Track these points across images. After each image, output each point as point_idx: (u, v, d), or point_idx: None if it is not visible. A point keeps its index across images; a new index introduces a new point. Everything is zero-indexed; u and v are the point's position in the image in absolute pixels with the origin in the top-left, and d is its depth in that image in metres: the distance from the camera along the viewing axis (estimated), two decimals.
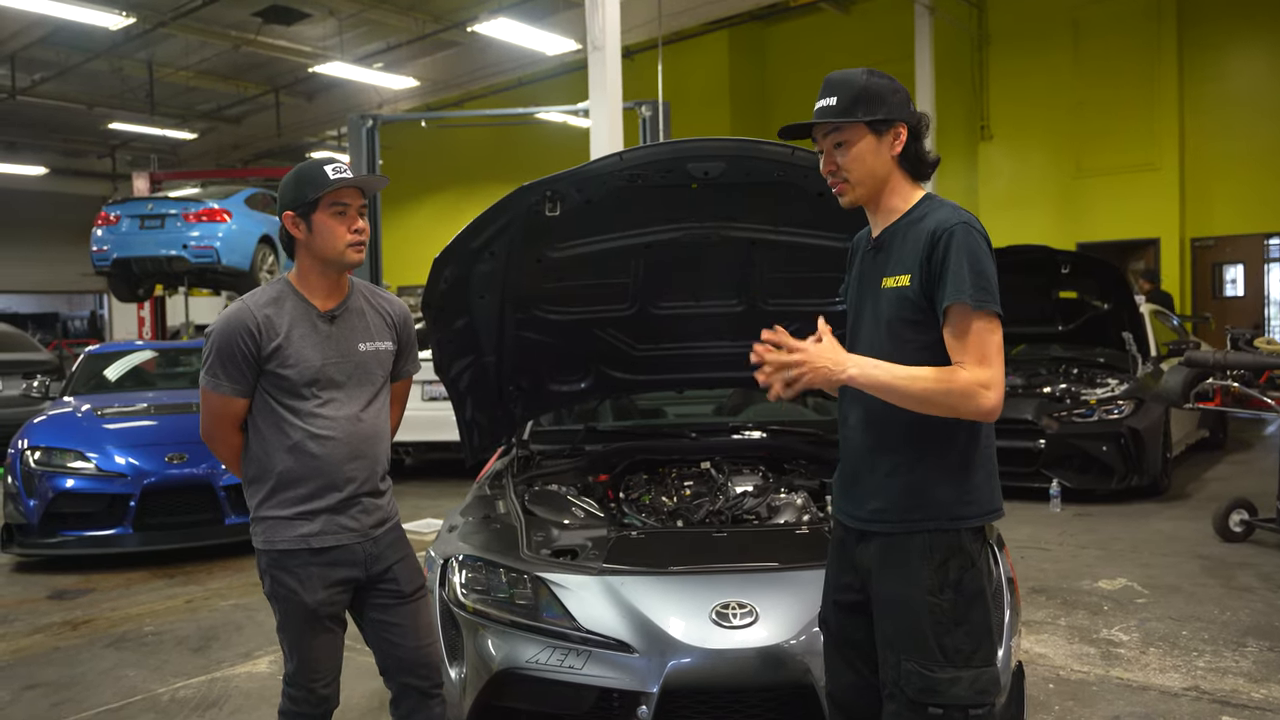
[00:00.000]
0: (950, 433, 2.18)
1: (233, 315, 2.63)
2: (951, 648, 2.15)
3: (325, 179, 2.60)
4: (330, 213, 2.61)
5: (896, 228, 2.27)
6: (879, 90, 2.22)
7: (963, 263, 2.10)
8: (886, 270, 2.25)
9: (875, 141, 2.23)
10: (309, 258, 2.67)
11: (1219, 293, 15.49)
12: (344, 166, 2.64)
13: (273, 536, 2.65)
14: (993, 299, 2.10)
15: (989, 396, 2.08)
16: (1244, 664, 4.29)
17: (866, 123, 2.21)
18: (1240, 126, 14.05)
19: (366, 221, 2.68)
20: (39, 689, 4.40)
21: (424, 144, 21.21)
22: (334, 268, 2.68)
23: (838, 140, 2.25)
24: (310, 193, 2.60)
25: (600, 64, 8.79)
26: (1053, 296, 8.97)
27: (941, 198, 2.30)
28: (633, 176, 3.33)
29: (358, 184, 2.63)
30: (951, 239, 2.12)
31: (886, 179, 2.26)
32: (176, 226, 11.63)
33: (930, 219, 2.20)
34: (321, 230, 2.62)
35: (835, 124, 2.24)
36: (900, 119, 2.23)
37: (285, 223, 2.64)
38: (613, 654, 2.88)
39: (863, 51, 15.82)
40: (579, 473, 4.21)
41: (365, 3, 16.23)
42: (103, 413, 7.26)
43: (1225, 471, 9.08)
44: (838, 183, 2.29)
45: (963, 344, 2.11)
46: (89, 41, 16.76)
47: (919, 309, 2.18)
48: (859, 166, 2.24)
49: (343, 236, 2.62)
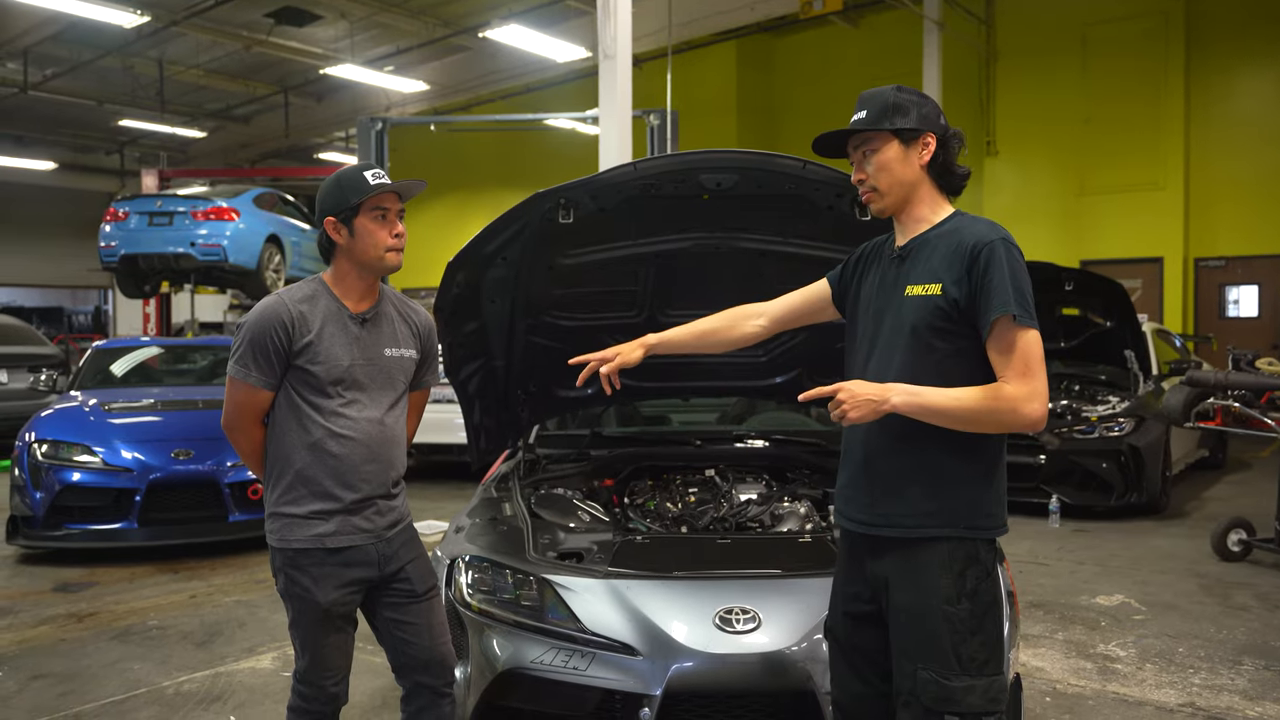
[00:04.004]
0: (981, 439, 2.23)
1: (268, 307, 2.67)
2: (968, 656, 2.18)
3: (367, 184, 2.65)
4: (372, 217, 2.67)
5: (925, 238, 2.32)
6: (907, 102, 2.30)
7: (1005, 278, 2.16)
8: (912, 279, 2.29)
9: (903, 151, 2.29)
10: (348, 261, 2.72)
11: (1223, 313, 15.52)
12: (382, 173, 2.71)
13: (288, 535, 2.69)
14: (1033, 314, 2.18)
15: (1034, 408, 2.14)
16: (1240, 682, 4.32)
17: (894, 132, 2.28)
18: (1246, 148, 14.11)
19: (404, 226, 2.75)
20: (45, 679, 4.44)
21: (432, 148, 21.29)
22: (373, 271, 2.74)
23: (867, 150, 2.33)
24: (353, 198, 2.65)
25: (611, 72, 8.86)
26: (1055, 313, 9.02)
27: (973, 214, 2.35)
28: (646, 186, 3.37)
29: (397, 189, 2.69)
30: (994, 254, 2.18)
31: (915, 188, 2.32)
32: (184, 224, 11.70)
33: (966, 233, 2.25)
34: (363, 234, 2.67)
35: (865, 134, 2.31)
36: (928, 129, 2.29)
37: (327, 228, 2.69)
38: (616, 656, 2.92)
39: (871, 65, 15.96)
40: (584, 477, 4.25)
41: (376, 6, 16.33)
42: (110, 407, 7.31)
43: (1224, 491, 9.11)
44: (866, 191, 2.36)
45: (1007, 358, 2.16)
46: (101, 38, 16.86)
47: (949, 318, 2.22)
48: (886, 175, 2.31)
49: (384, 240, 2.68)
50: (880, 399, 2.15)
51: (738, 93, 18.19)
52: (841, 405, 2.15)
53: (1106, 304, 8.72)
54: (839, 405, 2.16)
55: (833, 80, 16.71)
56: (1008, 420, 2.15)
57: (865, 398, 2.15)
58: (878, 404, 2.15)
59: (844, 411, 2.15)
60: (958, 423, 2.17)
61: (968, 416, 2.16)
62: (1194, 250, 14.68)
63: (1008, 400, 2.14)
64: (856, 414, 2.15)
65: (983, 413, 2.15)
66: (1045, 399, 2.16)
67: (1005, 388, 2.15)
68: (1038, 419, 2.15)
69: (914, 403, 2.17)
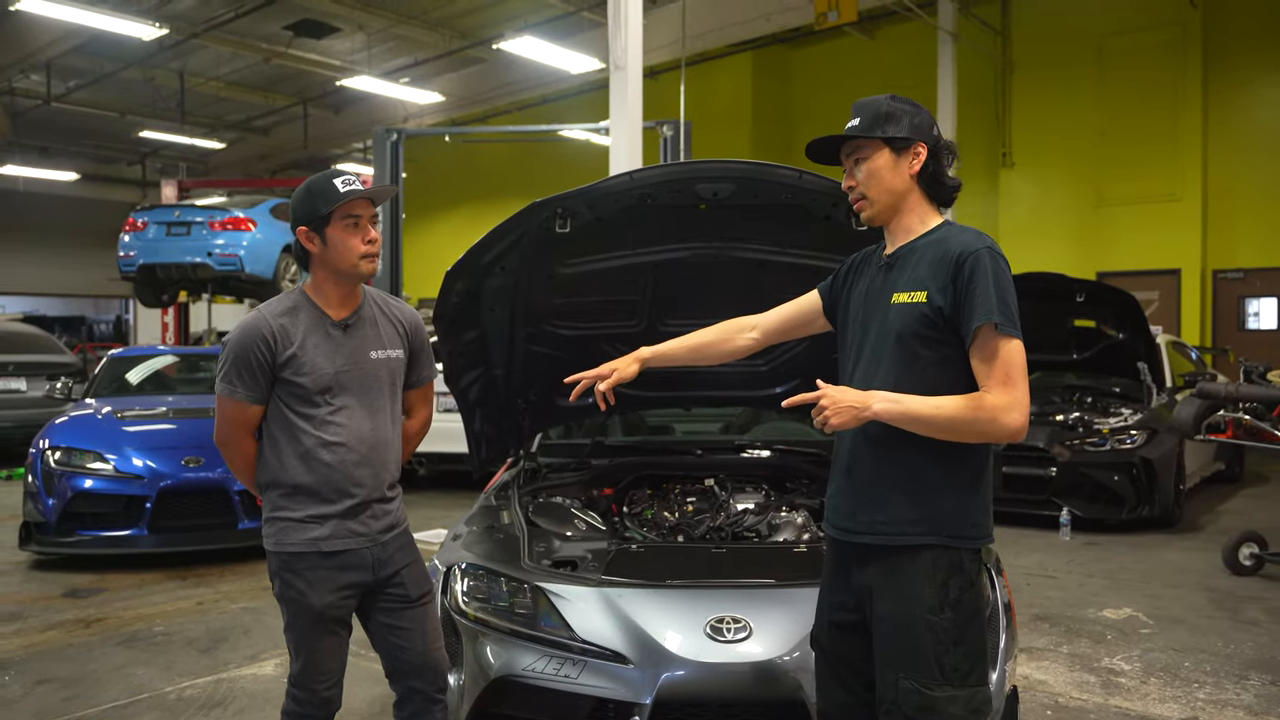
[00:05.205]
0: (965, 448, 2.23)
1: (249, 324, 2.69)
2: (950, 667, 2.18)
3: (336, 193, 2.64)
4: (343, 225, 2.66)
5: (913, 247, 2.33)
6: (899, 111, 2.32)
7: (989, 286, 2.17)
8: (898, 287, 2.30)
9: (893, 159, 2.31)
10: (324, 270, 2.73)
11: (1242, 325, 15.38)
12: (353, 179, 2.69)
13: (283, 539, 2.70)
14: (1017, 324, 2.18)
15: (1014, 418, 2.14)
16: (1245, 697, 4.28)
17: (884, 140, 2.30)
18: (1265, 159, 13.98)
19: (379, 231, 2.75)
20: (51, 684, 4.48)
21: (447, 158, 21.42)
22: (348, 279, 2.74)
23: (858, 158, 2.35)
24: (322, 207, 2.64)
25: (621, 83, 8.89)
26: (1068, 325, 8.95)
27: (961, 224, 2.36)
28: (643, 195, 3.39)
29: (367, 195, 2.68)
30: (978, 263, 2.19)
31: (904, 197, 2.34)
32: (202, 234, 11.82)
33: (952, 242, 2.26)
34: (335, 243, 2.67)
35: (856, 142, 2.34)
36: (919, 139, 2.30)
37: (299, 238, 2.70)
38: (608, 664, 2.92)
39: (887, 76, 15.91)
40: (584, 486, 4.25)
41: (394, 19, 16.47)
42: (123, 415, 7.38)
43: (1239, 505, 9.03)
44: (856, 199, 2.38)
45: (989, 367, 2.17)
46: (123, 51, 17.07)
47: (934, 326, 2.23)
48: (876, 183, 2.33)
49: (356, 248, 2.68)
50: (861, 405, 2.16)
51: (753, 104, 18.20)
52: (824, 411, 2.16)
53: (1119, 316, 8.66)
54: (821, 411, 2.16)
55: (848, 91, 16.40)
56: (988, 430, 2.15)
57: (847, 404, 2.16)
58: (859, 410, 2.16)
59: (826, 418, 2.16)
60: (938, 431, 2.17)
61: (948, 425, 2.16)
62: (1212, 262, 14.55)
63: (988, 410, 2.14)
64: (838, 420, 2.15)
65: (963, 422, 2.15)
66: (1025, 409, 2.16)
67: (986, 397, 2.15)
68: (1017, 429, 2.15)
69: (895, 410, 2.17)
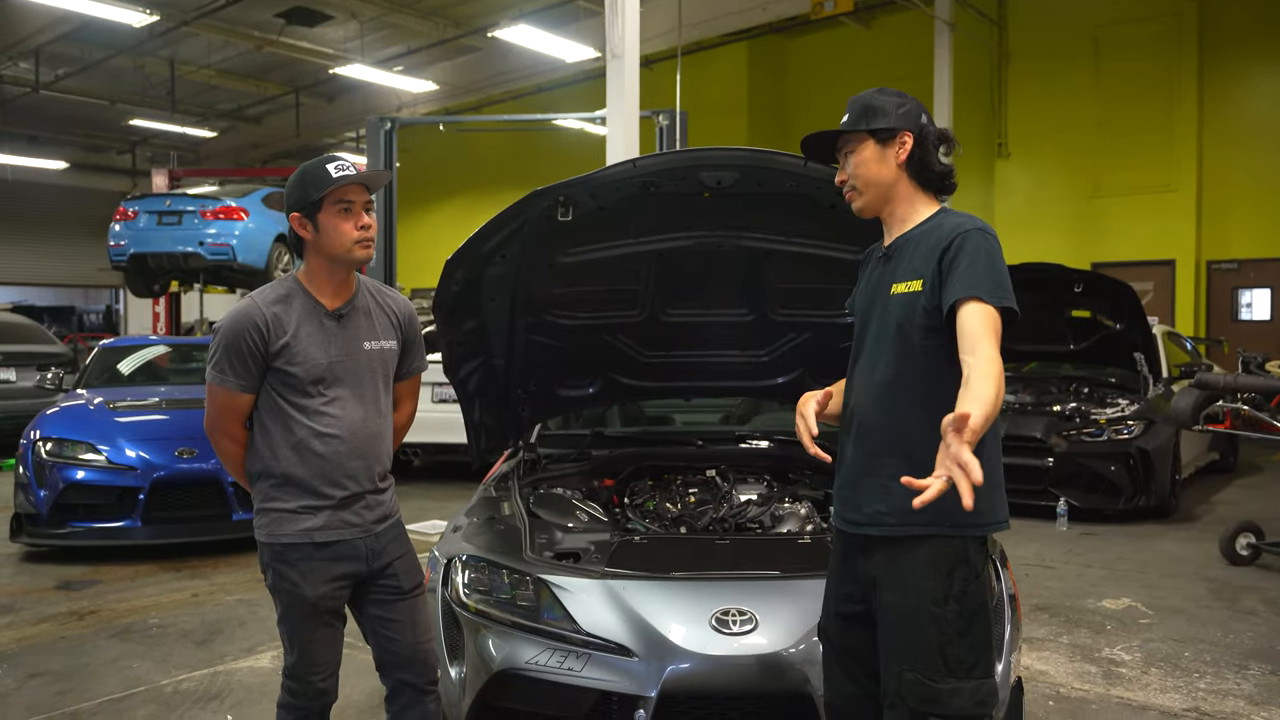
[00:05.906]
0: None
1: (241, 312, 2.64)
2: (954, 658, 2.16)
3: (328, 177, 2.60)
4: (335, 211, 2.62)
5: (909, 237, 2.33)
6: (884, 104, 2.34)
7: (978, 261, 2.14)
8: (896, 277, 2.30)
9: (879, 150, 2.33)
10: (318, 257, 2.69)
11: (1235, 316, 15.41)
12: (347, 164, 2.64)
13: (276, 530, 2.67)
14: (1009, 295, 2.12)
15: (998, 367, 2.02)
16: (1245, 686, 4.28)
17: (869, 132, 2.33)
18: (1260, 150, 14.00)
19: (373, 218, 2.70)
20: (44, 677, 4.43)
21: (442, 148, 21.30)
22: (342, 265, 2.70)
23: (848, 151, 2.38)
24: (314, 192, 2.60)
25: (619, 72, 8.83)
26: (1065, 315, 8.94)
27: (956, 210, 2.35)
28: (645, 184, 3.34)
29: (361, 180, 2.63)
30: (966, 240, 2.18)
31: (893, 187, 2.35)
32: (193, 223, 11.72)
33: (945, 226, 2.26)
34: (328, 229, 2.62)
35: (845, 136, 2.38)
36: (904, 128, 2.31)
37: (293, 224, 2.66)
38: (612, 657, 2.89)
39: (883, 66, 15.88)
40: (585, 477, 4.22)
41: (387, 6, 16.36)
42: (115, 406, 7.31)
43: (1234, 495, 9.04)
44: (848, 190, 2.41)
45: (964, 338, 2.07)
46: (112, 38, 16.92)
47: (929, 314, 2.21)
48: (863, 173, 2.36)
49: (349, 234, 2.63)
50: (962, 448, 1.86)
51: (749, 93, 18.14)
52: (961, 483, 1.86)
53: (1116, 306, 8.64)
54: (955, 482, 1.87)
55: (845, 82, 16.48)
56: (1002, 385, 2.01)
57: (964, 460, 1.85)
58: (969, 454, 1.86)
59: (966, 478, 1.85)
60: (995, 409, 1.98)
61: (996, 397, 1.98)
62: (1206, 253, 14.57)
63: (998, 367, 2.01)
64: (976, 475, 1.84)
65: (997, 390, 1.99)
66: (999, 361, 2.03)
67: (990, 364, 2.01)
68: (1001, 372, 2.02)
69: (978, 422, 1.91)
